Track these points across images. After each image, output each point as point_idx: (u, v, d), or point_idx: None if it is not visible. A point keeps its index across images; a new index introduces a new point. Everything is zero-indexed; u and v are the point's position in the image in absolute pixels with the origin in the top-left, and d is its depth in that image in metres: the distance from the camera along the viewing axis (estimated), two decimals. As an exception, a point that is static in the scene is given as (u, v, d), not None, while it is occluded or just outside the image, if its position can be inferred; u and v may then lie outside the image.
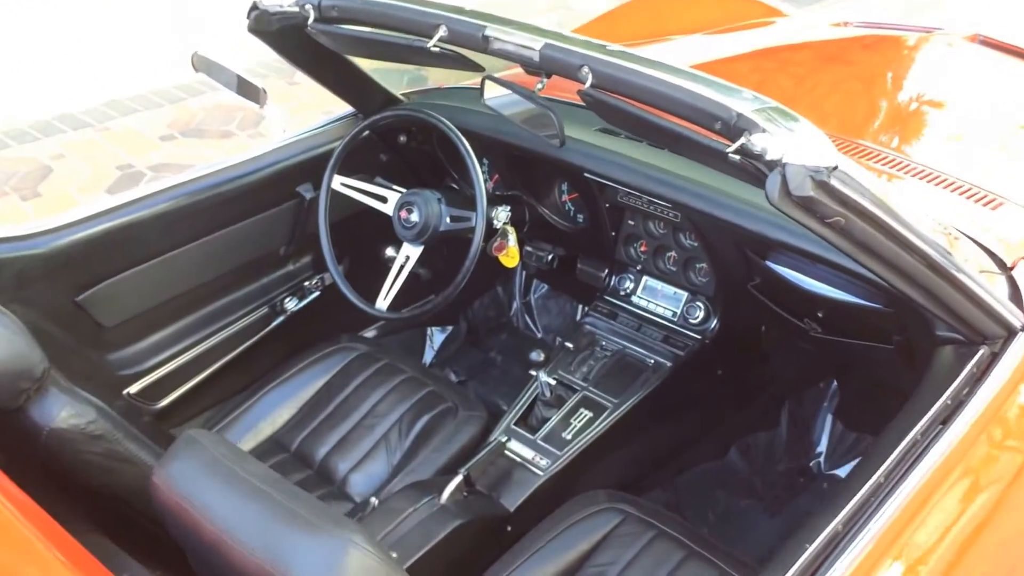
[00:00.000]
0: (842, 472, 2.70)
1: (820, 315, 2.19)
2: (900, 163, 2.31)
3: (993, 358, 1.70)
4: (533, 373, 2.36)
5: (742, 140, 1.40)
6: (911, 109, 2.78)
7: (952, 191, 2.21)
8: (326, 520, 1.16)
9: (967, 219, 2.06)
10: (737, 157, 1.43)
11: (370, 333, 2.94)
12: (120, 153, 4.79)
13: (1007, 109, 2.70)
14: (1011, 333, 1.73)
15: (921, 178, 2.26)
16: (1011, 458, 1.62)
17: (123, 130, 5.03)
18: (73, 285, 2.20)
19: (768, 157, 1.36)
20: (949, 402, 1.61)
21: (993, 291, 1.69)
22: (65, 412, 1.57)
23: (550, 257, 2.73)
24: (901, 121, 2.73)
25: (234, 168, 2.43)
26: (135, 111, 5.23)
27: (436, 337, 3.14)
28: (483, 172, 2.69)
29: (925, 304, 1.64)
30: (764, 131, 1.38)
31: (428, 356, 3.13)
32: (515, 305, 3.28)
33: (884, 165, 2.30)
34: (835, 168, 1.35)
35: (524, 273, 3.23)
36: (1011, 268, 1.89)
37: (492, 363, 3.15)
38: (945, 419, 1.59)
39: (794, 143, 1.36)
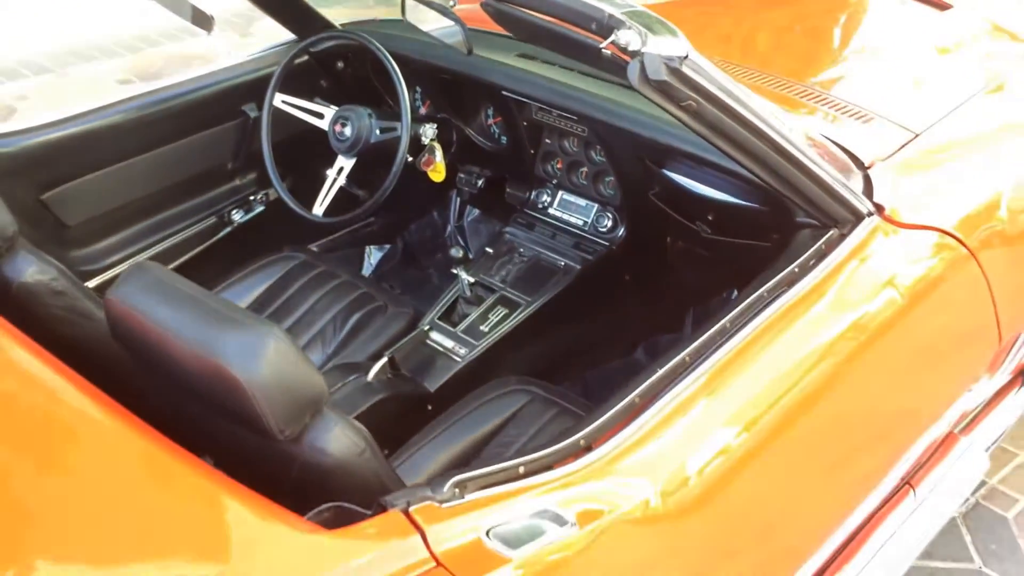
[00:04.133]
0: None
1: (710, 218, 2.44)
2: (804, 91, 2.54)
3: (841, 239, 1.95)
4: (454, 271, 2.60)
5: (612, 37, 1.64)
6: (833, 48, 3.01)
7: (835, 110, 2.45)
8: (252, 319, 1.39)
9: (838, 129, 2.31)
10: (608, 52, 1.68)
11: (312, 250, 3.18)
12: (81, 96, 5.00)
13: (917, 54, 2.92)
14: (859, 218, 1.98)
15: (815, 101, 2.51)
16: (842, 324, 1.87)
17: (83, 76, 5.22)
18: (39, 184, 2.42)
19: (631, 48, 1.61)
20: (797, 270, 1.86)
21: (843, 180, 1.94)
22: (32, 269, 1.79)
23: (479, 181, 2.97)
24: (818, 58, 2.97)
25: (183, 84, 2.65)
26: (95, 58, 5.43)
27: (374, 255, 3.36)
28: (416, 98, 2.93)
29: (781, 190, 1.89)
30: (629, 28, 1.62)
31: (366, 272, 3.35)
32: (449, 228, 3.52)
33: (786, 91, 2.53)
34: (685, 57, 1.60)
35: (458, 199, 3.46)
36: (868, 167, 2.14)
37: (427, 279, 3.38)
38: (791, 282, 1.84)
39: (653, 37, 1.61)
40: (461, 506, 1.29)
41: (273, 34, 2.90)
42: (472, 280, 2.62)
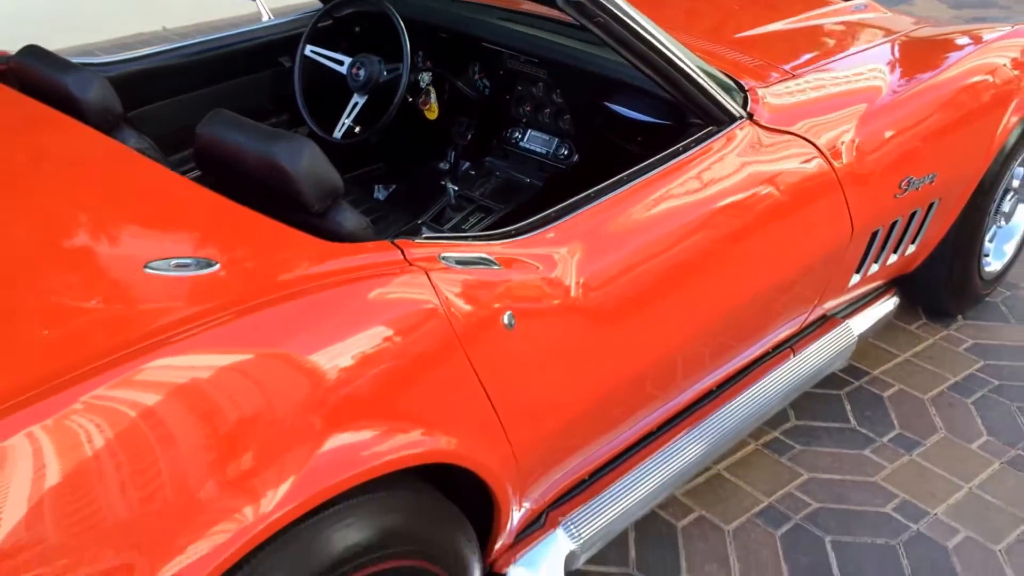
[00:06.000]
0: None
1: (639, 139, 3.16)
2: (717, 46, 3.25)
3: (717, 131, 2.67)
4: (443, 183, 3.34)
5: (548, -28, 2.38)
6: (748, 21, 3.70)
7: (735, 56, 3.17)
8: (295, 135, 2.09)
9: (732, 67, 3.03)
10: (543, -14, 2.41)
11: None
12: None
13: (815, 26, 3.64)
14: (732, 119, 2.70)
15: (723, 51, 3.22)
16: (710, 189, 2.57)
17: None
18: (128, 103, 3.15)
19: (556, -21, 2.35)
20: (680, 149, 2.58)
21: (721, 90, 2.67)
22: (134, 140, 2.48)
23: (469, 134, 3.71)
24: (737, 28, 3.66)
25: (233, 37, 3.41)
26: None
27: (381, 192, 4.08)
28: (419, 58, 3.68)
29: (673, 93, 2.61)
30: (558, -36, 2.36)
31: (374, 208, 4.08)
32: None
33: (702, 44, 3.23)
34: (594, -17, 2.34)
35: (454, 153, 4.20)
36: (747, 89, 2.86)
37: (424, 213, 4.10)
38: (672, 156, 2.56)
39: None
40: (428, 243, 2.00)
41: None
42: (456, 189, 3.35)
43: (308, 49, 3.47)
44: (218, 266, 1.77)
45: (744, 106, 2.77)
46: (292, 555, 1.69)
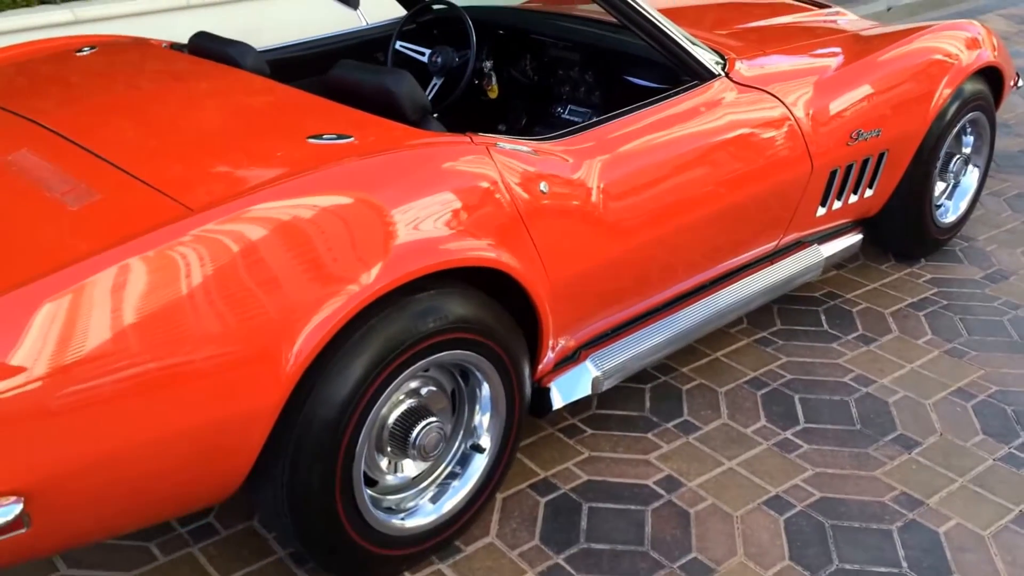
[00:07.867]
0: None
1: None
2: (712, 33, 4.25)
3: (699, 84, 3.64)
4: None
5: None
6: (741, 17, 4.71)
7: (720, 38, 4.15)
8: (398, 70, 3.09)
9: (715, 43, 4.01)
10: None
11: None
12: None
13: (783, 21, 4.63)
14: (713, 76, 3.67)
15: (717, 35, 4.21)
16: (693, 126, 3.51)
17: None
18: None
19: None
20: (672, 94, 3.54)
21: (704, 52, 3.65)
22: None
23: (522, 111, 4.71)
24: (735, 22, 4.66)
25: (340, 37, 4.44)
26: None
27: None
28: (484, 53, 4.68)
29: (664, 53, 3.57)
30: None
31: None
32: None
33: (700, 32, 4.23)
34: (604, -31, 3.34)
35: (510, 125, 5.17)
36: (728, 60, 3.83)
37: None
38: (663, 99, 3.51)
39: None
40: (488, 136, 2.97)
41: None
42: None
43: (398, 44, 4.49)
44: (353, 138, 2.77)
45: (723, 69, 3.73)
46: (397, 319, 2.61)
